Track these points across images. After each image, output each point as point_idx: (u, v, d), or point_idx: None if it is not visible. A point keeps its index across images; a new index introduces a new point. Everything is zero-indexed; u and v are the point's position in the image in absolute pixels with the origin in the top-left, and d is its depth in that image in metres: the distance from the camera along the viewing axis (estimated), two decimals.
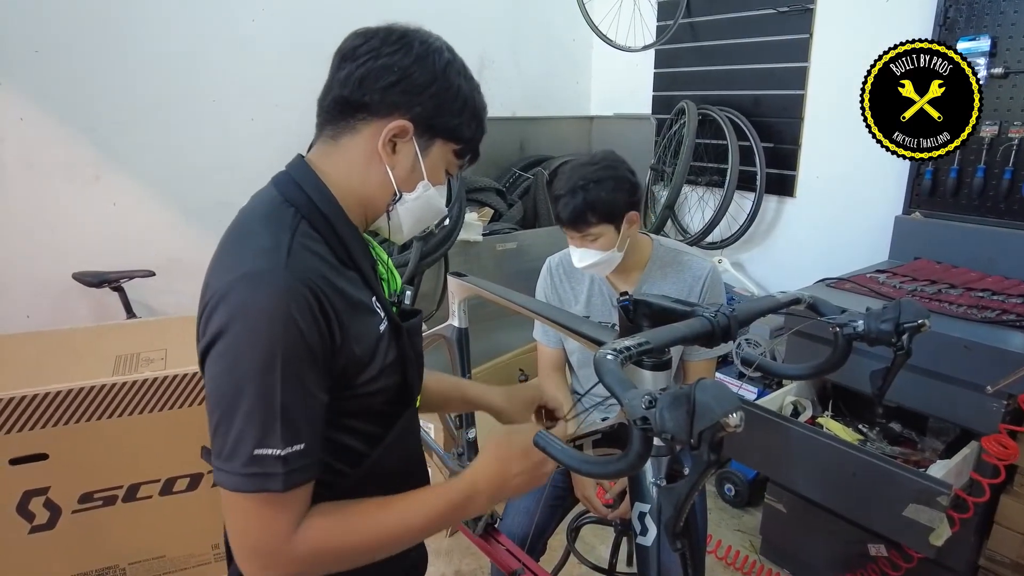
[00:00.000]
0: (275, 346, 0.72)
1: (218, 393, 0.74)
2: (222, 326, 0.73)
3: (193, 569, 1.94)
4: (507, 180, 3.39)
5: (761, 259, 3.19)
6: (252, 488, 0.73)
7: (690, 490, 0.68)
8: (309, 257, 0.78)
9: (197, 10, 2.60)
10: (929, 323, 0.91)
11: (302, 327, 0.73)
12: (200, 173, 2.72)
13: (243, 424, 0.72)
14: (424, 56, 0.83)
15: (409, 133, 0.84)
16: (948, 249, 2.26)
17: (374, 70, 0.81)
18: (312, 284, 0.75)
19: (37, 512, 1.70)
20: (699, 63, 3.27)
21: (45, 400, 1.64)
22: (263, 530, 0.75)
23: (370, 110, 0.83)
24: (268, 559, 0.76)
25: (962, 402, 1.67)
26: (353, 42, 0.84)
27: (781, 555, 2.29)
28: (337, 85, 0.83)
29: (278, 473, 0.73)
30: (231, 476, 0.73)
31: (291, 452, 0.73)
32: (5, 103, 2.32)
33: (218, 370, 0.74)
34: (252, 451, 0.72)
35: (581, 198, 1.46)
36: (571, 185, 1.48)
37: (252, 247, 0.77)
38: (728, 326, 0.83)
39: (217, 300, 0.74)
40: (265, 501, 0.74)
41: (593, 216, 1.47)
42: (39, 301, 2.50)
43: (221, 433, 0.73)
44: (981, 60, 2.15)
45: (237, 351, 0.72)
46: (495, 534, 1.45)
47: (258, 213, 0.83)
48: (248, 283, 0.73)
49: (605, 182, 1.47)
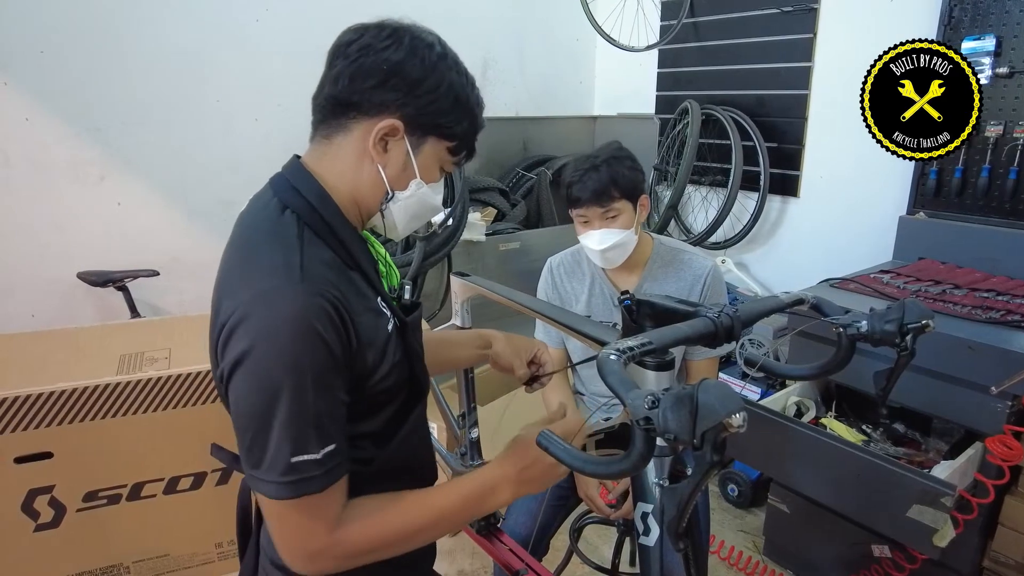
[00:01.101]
0: (302, 360, 0.73)
1: (250, 411, 0.75)
2: (246, 348, 0.74)
3: (197, 568, 1.95)
4: (510, 180, 3.39)
5: (764, 259, 3.18)
6: (293, 494, 0.76)
7: (693, 490, 0.68)
8: (320, 267, 0.79)
9: (201, 11, 2.61)
10: (933, 323, 0.91)
11: (325, 338, 0.74)
12: (204, 173, 2.72)
13: (279, 437, 0.74)
14: (414, 51, 0.82)
15: (400, 132, 0.83)
16: (952, 249, 2.25)
17: (364, 67, 0.81)
18: (328, 295, 0.76)
19: (42, 510, 1.71)
20: (703, 63, 3.26)
21: (50, 399, 1.64)
22: (307, 529, 0.79)
23: (360, 109, 0.83)
24: (316, 555, 0.80)
25: (966, 403, 1.66)
26: (346, 38, 0.84)
27: (784, 556, 2.29)
28: (329, 83, 0.84)
29: (316, 475, 0.76)
30: (271, 485, 0.76)
31: (326, 453, 0.76)
32: (11, 104, 2.33)
33: (247, 389, 0.75)
34: (290, 459, 0.75)
35: (605, 172, 1.50)
36: (591, 163, 1.52)
37: (263, 265, 0.78)
38: (731, 326, 0.83)
39: (236, 322, 0.75)
40: (307, 503, 0.77)
41: (616, 190, 1.51)
42: (44, 300, 2.50)
43: (257, 447, 0.76)
44: (986, 60, 2.14)
45: (266, 369, 0.74)
46: (498, 534, 1.45)
47: (262, 228, 0.83)
48: (267, 302, 0.74)
49: (623, 160, 1.54)
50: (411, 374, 0.92)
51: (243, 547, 1.08)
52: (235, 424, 0.78)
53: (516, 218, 3.18)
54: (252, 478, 0.77)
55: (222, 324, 0.78)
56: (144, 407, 1.76)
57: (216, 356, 0.80)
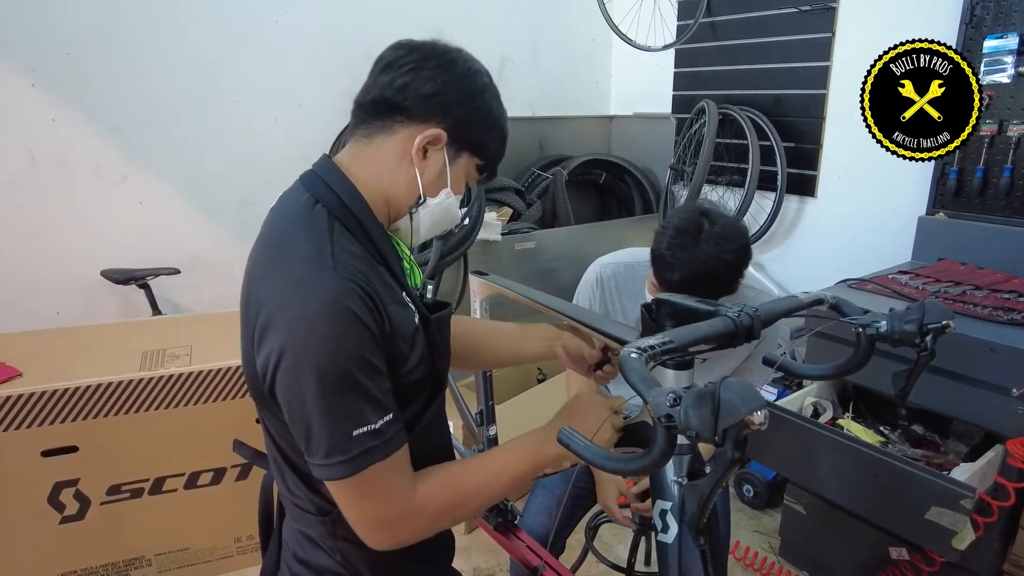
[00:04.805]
0: (343, 340, 0.76)
1: (300, 400, 0.77)
2: (286, 338, 0.77)
3: (216, 562, 1.98)
4: (526, 180, 3.39)
5: (782, 259, 3.17)
6: (361, 467, 0.78)
7: (713, 487, 0.69)
8: (351, 258, 0.81)
9: (222, 13, 2.64)
10: (954, 324, 0.91)
11: (361, 317, 0.77)
12: (224, 173, 2.76)
13: (336, 417, 0.77)
14: (466, 75, 0.89)
15: (442, 142, 0.89)
16: (973, 250, 2.23)
17: (417, 79, 0.86)
18: (360, 281, 0.79)
19: (67, 503, 1.75)
20: (720, 62, 3.25)
21: (75, 394, 1.68)
22: (383, 500, 0.81)
23: (408, 114, 0.87)
24: (396, 525, 0.83)
25: (987, 405, 1.64)
26: (397, 52, 0.89)
27: (800, 557, 2.28)
28: (378, 88, 0.88)
29: (378, 445, 0.79)
30: (337, 466, 0.78)
31: (384, 423, 0.79)
32: (39, 104, 2.37)
33: (294, 378, 0.77)
34: (350, 434, 0.77)
35: (703, 273, 1.28)
36: (692, 256, 1.28)
37: (297, 257, 0.81)
38: (751, 326, 0.83)
39: (271, 314, 0.78)
40: (377, 474, 0.79)
41: (705, 292, 1.28)
42: (68, 298, 2.55)
43: (316, 432, 0.78)
44: (1008, 59, 2.12)
45: (309, 356, 0.76)
46: (516, 531, 1.46)
47: (293, 221, 0.86)
48: (302, 292, 0.77)
49: (733, 265, 1.31)
50: (433, 369, 0.94)
51: (265, 543, 1.10)
52: (289, 419, 0.81)
53: (532, 218, 3.18)
54: (319, 468, 0.79)
55: (256, 315, 0.80)
56: (166, 403, 1.79)
57: (252, 348, 0.82)
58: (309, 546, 0.96)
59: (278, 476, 0.97)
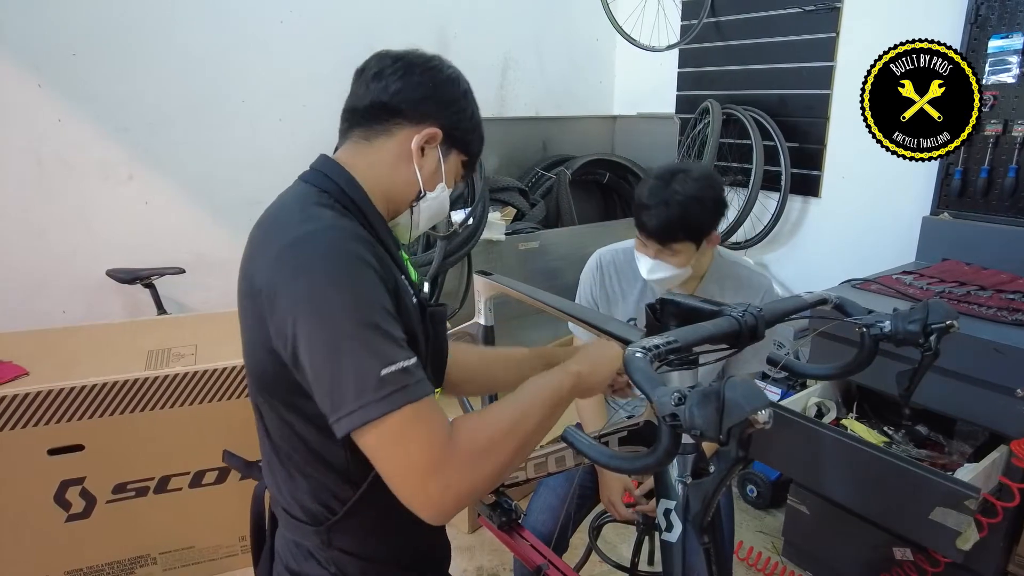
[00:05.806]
0: (353, 282, 0.77)
1: (324, 348, 0.74)
2: (297, 291, 0.76)
3: (220, 560, 1.99)
4: (530, 180, 3.39)
5: (786, 259, 3.16)
6: (396, 405, 0.73)
7: (717, 485, 0.69)
8: (350, 225, 0.84)
9: (227, 14, 2.65)
10: (958, 324, 0.91)
11: (368, 260, 0.79)
12: (230, 172, 2.77)
13: (361, 359, 0.74)
14: (450, 79, 0.96)
15: (438, 140, 0.94)
16: (978, 250, 2.22)
17: (409, 84, 0.92)
18: (362, 235, 0.82)
19: (73, 501, 1.76)
20: (724, 62, 3.25)
21: (81, 393, 1.69)
22: (422, 443, 0.75)
23: (406, 116, 0.92)
24: (436, 470, 0.75)
25: (991, 405, 1.64)
26: (383, 62, 0.93)
27: (803, 557, 2.28)
28: (373, 94, 0.92)
29: (411, 384, 0.75)
30: (370, 407, 0.73)
31: (411, 364, 0.76)
32: (45, 104, 2.38)
33: (310, 329, 0.75)
34: (380, 374, 0.73)
35: (677, 213, 1.37)
36: (666, 197, 1.37)
37: (293, 221, 0.83)
38: (755, 326, 0.83)
39: (276, 277, 0.78)
40: (412, 417, 0.74)
41: (682, 233, 1.40)
42: (74, 297, 2.56)
43: (343, 379, 0.74)
44: (1013, 59, 2.12)
45: (322, 302, 0.75)
46: (519, 530, 1.46)
47: (289, 202, 0.88)
48: (301, 244, 0.79)
49: (705, 202, 1.39)
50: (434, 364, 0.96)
51: (257, 555, 1.09)
52: (314, 379, 0.76)
53: (535, 218, 3.19)
54: (347, 418, 0.73)
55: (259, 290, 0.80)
56: (171, 402, 1.80)
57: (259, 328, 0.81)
58: (303, 557, 0.94)
59: (271, 481, 0.95)
